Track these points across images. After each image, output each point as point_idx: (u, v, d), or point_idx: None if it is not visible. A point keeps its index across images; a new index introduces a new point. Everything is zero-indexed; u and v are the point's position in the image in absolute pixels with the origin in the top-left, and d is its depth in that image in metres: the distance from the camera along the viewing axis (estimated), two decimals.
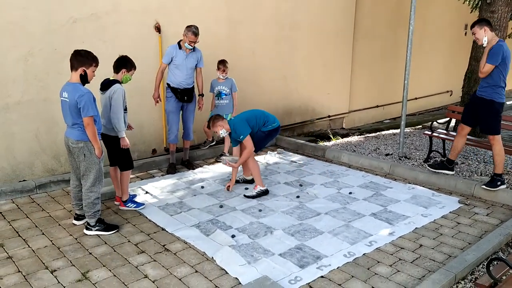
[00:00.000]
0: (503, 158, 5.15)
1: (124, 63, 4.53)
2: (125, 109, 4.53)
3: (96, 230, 4.20)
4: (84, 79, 4.00)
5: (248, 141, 5.05)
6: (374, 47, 9.74)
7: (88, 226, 4.22)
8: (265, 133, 5.24)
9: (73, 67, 3.97)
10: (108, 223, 4.31)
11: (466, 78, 7.83)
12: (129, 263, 3.73)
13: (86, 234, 4.20)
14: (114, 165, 4.77)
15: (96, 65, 4.07)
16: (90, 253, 3.87)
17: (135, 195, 5.02)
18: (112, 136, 4.56)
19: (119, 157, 4.65)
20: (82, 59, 3.95)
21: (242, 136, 5.04)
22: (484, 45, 5.07)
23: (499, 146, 5.13)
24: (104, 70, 4.49)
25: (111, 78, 4.48)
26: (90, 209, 4.16)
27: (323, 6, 8.40)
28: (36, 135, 5.39)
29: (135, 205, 4.77)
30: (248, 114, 5.24)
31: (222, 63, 6.20)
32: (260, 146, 5.35)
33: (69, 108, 3.94)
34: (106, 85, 4.44)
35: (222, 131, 5.09)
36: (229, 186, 5.35)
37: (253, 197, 5.11)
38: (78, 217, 4.43)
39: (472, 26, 5.15)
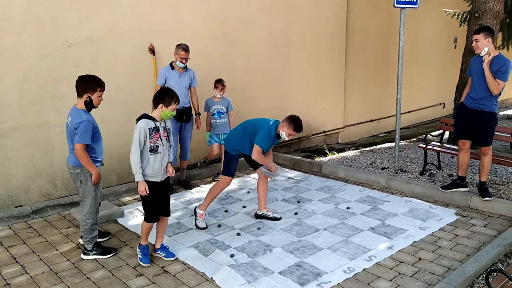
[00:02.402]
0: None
1: (161, 97, 3.89)
2: (152, 150, 3.85)
3: (93, 254, 4.18)
4: (90, 105, 3.97)
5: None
6: (366, 61, 9.85)
7: (85, 251, 4.19)
8: None
9: (78, 94, 3.94)
10: (105, 247, 4.29)
11: (458, 91, 7.90)
12: (128, 286, 3.70)
13: (83, 259, 4.17)
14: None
15: (102, 90, 4.00)
16: (88, 278, 3.84)
17: (146, 247, 4.16)
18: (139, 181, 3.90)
19: (142, 203, 4.06)
20: (85, 85, 3.91)
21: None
22: (481, 55, 4.94)
23: (491, 155, 5.22)
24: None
25: (150, 114, 3.95)
26: (87, 235, 4.14)
27: (315, 23, 8.52)
28: (31, 160, 5.39)
29: (141, 253, 4.10)
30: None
31: (220, 82, 6.23)
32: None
33: (69, 132, 3.96)
34: (138, 119, 3.91)
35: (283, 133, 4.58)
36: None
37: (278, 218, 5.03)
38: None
39: (477, 33, 4.94)
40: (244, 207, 5.44)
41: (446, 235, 4.58)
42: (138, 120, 3.90)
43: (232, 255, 4.14)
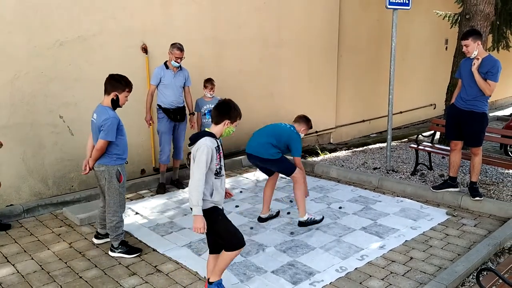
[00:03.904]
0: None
1: (227, 112, 3.26)
2: (217, 173, 3.28)
3: (118, 252, 4.21)
4: (116, 104, 4.04)
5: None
6: (358, 62, 9.91)
7: (112, 248, 4.24)
8: None
9: (106, 91, 4.02)
10: (131, 246, 4.30)
11: (449, 92, 7.99)
12: (121, 286, 3.70)
13: (110, 255, 4.21)
14: (216, 252, 3.48)
15: (129, 91, 4.09)
16: (81, 277, 3.83)
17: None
18: (204, 209, 3.20)
19: (219, 233, 3.32)
20: (115, 84, 4.00)
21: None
22: (472, 57, 5.00)
23: (481, 156, 5.27)
24: (91, 92, 4.47)
25: (205, 130, 3.29)
26: (113, 232, 4.18)
27: (307, 24, 8.55)
28: (23, 159, 5.35)
29: None
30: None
31: (209, 82, 6.23)
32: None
33: (95, 129, 4.01)
34: (195, 138, 3.27)
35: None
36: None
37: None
38: (98, 236, 4.47)
39: (465, 38, 4.98)
40: (236, 206, 5.45)
41: (437, 234, 4.63)
42: (195, 138, 3.23)
43: None
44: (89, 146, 4.19)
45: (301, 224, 4.74)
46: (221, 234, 3.29)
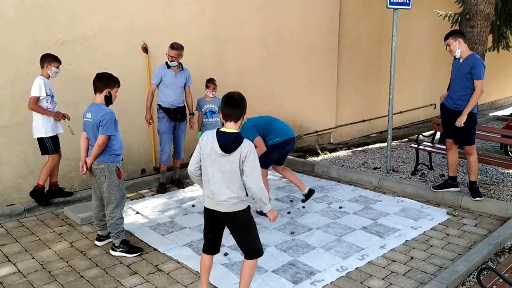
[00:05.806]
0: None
1: (243, 105, 3.19)
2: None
3: (120, 251, 4.22)
4: (109, 100, 4.11)
5: (258, 142, 4.83)
6: (359, 62, 9.91)
7: (113, 247, 4.25)
8: (269, 147, 5.01)
9: (98, 90, 4.07)
10: (132, 245, 4.31)
11: None
12: (122, 285, 3.70)
13: (111, 254, 4.22)
14: (213, 252, 3.42)
15: (119, 86, 4.18)
16: (82, 276, 3.83)
17: None
18: (239, 211, 3.15)
19: (251, 236, 3.23)
20: (107, 81, 4.07)
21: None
22: (457, 57, 5.21)
23: (476, 154, 5.29)
24: (92, 92, 4.44)
25: (231, 131, 3.06)
26: (113, 230, 4.19)
27: (307, 24, 8.55)
28: (23, 158, 5.36)
29: None
30: (255, 119, 5.08)
31: (211, 82, 6.22)
32: (267, 161, 5.02)
33: (92, 128, 4.03)
34: (232, 143, 3.00)
35: None
36: None
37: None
38: (100, 238, 4.46)
39: (446, 38, 5.24)
40: None
41: (438, 234, 4.64)
42: (233, 143, 3.00)
43: (225, 254, 4.15)
44: (83, 147, 4.19)
45: (307, 196, 5.32)
46: (253, 235, 3.20)
